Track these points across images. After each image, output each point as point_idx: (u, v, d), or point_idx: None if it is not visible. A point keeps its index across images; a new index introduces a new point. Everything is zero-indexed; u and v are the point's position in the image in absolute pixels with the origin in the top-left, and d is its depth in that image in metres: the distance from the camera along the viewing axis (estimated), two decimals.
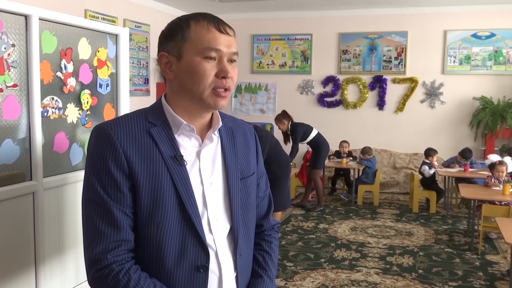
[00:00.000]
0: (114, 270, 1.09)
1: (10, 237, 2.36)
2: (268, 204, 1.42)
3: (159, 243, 1.13)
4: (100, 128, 1.14)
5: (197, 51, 1.14)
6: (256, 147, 1.37)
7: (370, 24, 7.57)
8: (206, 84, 1.14)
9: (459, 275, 4.07)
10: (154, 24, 6.87)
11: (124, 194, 1.11)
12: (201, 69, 1.13)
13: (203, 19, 1.16)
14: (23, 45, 2.39)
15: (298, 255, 4.53)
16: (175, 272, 1.14)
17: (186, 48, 1.15)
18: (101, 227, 1.10)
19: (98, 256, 1.09)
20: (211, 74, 1.14)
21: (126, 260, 1.12)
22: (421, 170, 6.29)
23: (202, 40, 1.14)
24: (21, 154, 2.42)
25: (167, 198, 1.13)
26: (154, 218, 1.13)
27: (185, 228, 1.15)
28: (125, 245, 1.12)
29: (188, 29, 1.15)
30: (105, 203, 1.10)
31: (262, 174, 1.40)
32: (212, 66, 1.14)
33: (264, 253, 1.37)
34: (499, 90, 7.11)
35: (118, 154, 1.11)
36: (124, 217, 1.11)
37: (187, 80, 1.15)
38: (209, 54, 1.13)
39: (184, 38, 1.15)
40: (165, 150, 1.15)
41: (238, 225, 1.24)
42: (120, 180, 1.11)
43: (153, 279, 1.13)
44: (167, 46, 1.18)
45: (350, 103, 7.78)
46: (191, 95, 1.16)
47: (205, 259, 1.17)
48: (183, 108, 1.19)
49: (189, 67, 1.14)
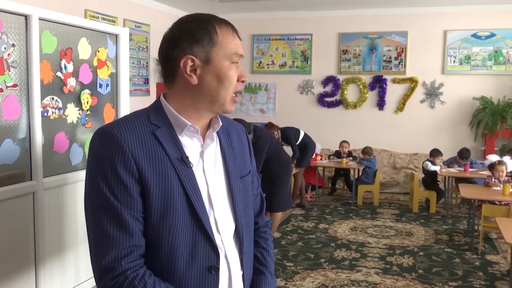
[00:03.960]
0: (129, 277, 1.07)
1: (10, 237, 2.36)
2: (261, 201, 1.44)
3: (170, 246, 1.12)
4: (106, 131, 1.11)
5: (227, 56, 1.15)
6: (249, 146, 1.39)
7: (370, 24, 7.57)
8: (231, 89, 1.17)
9: (459, 275, 4.07)
10: (154, 24, 6.87)
11: (135, 199, 1.09)
12: (231, 74, 1.16)
13: (223, 24, 1.17)
14: (23, 45, 2.39)
15: (298, 255, 4.53)
16: (186, 275, 1.14)
17: (215, 52, 1.15)
18: (112, 233, 1.07)
19: (112, 264, 1.06)
20: (235, 78, 1.17)
21: (140, 266, 1.10)
22: (423, 166, 6.30)
23: (230, 45, 1.16)
24: (21, 154, 2.42)
25: (177, 201, 1.12)
26: (166, 222, 1.11)
27: (196, 230, 1.14)
28: (137, 251, 1.10)
29: (215, 33, 1.15)
30: (115, 209, 1.07)
31: (255, 172, 1.42)
32: (236, 71, 1.17)
33: (263, 250, 1.39)
34: (499, 90, 7.11)
35: (127, 157, 1.08)
36: (135, 222, 1.09)
37: (214, 84, 1.15)
38: (235, 59, 1.17)
39: (213, 43, 1.14)
40: (172, 152, 1.14)
41: (242, 224, 1.25)
42: (130, 185, 1.08)
43: (166, 283, 1.12)
44: (192, 50, 1.14)
45: (350, 103, 7.78)
46: (215, 99, 1.17)
47: (215, 259, 1.17)
48: (191, 110, 1.18)
49: (218, 71, 1.15)
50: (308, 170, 6.84)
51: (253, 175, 1.39)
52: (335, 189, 7.38)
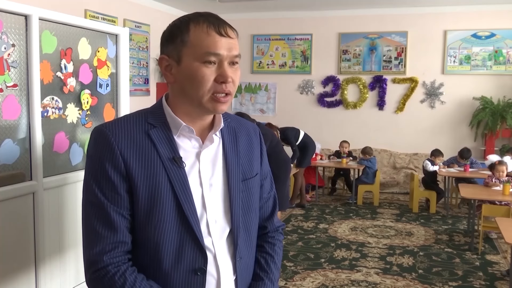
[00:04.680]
0: (110, 271, 1.09)
1: (10, 237, 2.36)
2: (272, 206, 1.40)
3: (156, 245, 1.13)
4: (99, 130, 1.14)
5: (196, 56, 1.11)
6: (261, 147, 1.35)
7: (370, 24, 7.57)
8: (205, 90, 1.11)
9: (459, 275, 4.07)
10: (154, 24, 6.87)
11: (121, 196, 1.11)
12: (200, 75, 1.11)
13: (203, 22, 1.12)
14: (23, 45, 2.39)
15: (298, 255, 4.53)
16: (172, 275, 1.14)
17: (185, 52, 1.12)
18: (99, 228, 1.11)
19: (95, 257, 1.10)
20: (210, 79, 1.11)
21: (123, 262, 1.12)
22: (423, 165, 6.30)
23: (201, 44, 1.10)
24: (21, 154, 2.42)
25: (165, 200, 1.12)
26: (152, 220, 1.12)
27: (183, 231, 1.14)
28: (121, 247, 1.12)
29: (187, 32, 1.12)
30: (102, 205, 1.11)
31: (267, 175, 1.38)
32: (211, 71, 1.11)
33: (267, 256, 1.34)
34: (499, 90, 7.11)
35: (115, 156, 1.11)
36: (121, 219, 1.11)
37: (186, 84, 1.13)
38: (208, 59, 1.10)
39: (184, 42, 1.12)
40: (164, 151, 1.14)
41: (238, 228, 1.22)
42: (117, 182, 1.11)
43: (150, 281, 1.13)
44: (167, 49, 1.15)
45: (350, 103, 7.78)
46: (190, 99, 1.15)
47: (202, 262, 1.16)
48: (183, 110, 1.18)
49: (188, 72, 1.12)
50: (308, 170, 6.84)
51: (263, 178, 1.35)
52: (335, 189, 7.38)
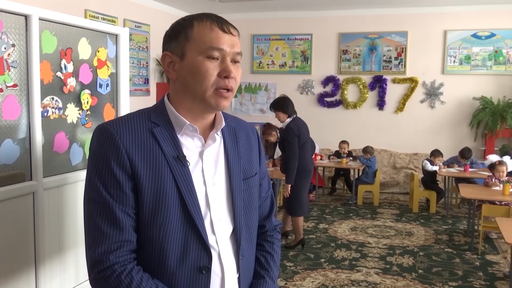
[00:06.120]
0: (116, 271, 1.08)
1: (10, 237, 2.36)
2: (270, 205, 1.41)
3: (161, 243, 1.13)
4: (103, 128, 1.14)
5: (200, 50, 1.12)
6: (259, 147, 1.37)
7: (370, 24, 7.57)
8: (208, 84, 1.13)
9: (459, 275, 4.07)
10: (154, 24, 6.87)
11: (127, 194, 1.11)
12: (204, 69, 1.12)
13: (207, 19, 1.15)
14: (23, 45, 2.39)
15: (298, 255, 4.53)
16: (177, 273, 1.14)
17: (189, 47, 1.13)
18: (103, 227, 1.09)
19: (100, 257, 1.09)
20: (214, 73, 1.13)
21: (129, 261, 1.11)
22: (422, 165, 6.31)
23: (205, 39, 1.12)
24: (21, 154, 2.42)
25: (170, 199, 1.12)
26: (157, 219, 1.12)
27: (188, 229, 1.14)
28: (127, 246, 1.11)
29: (191, 28, 1.14)
30: (107, 203, 1.10)
31: (265, 174, 1.39)
32: (214, 66, 1.13)
33: (267, 254, 1.36)
34: (499, 90, 7.11)
35: (121, 154, 1.10)
36: (126, 218, 1.11)
37: (189, 79, 1.14)
38: (212, 53, 1.12)
39: (187, 38, 1.14)
40: (168, 150, 1.14)
41: (241, 226, 1.24)
42: (123, 180, 1.10)
43: (155, 280, 1.13)
44: (170, 46, 1.17)
45: (350, 103, 7.78)
46: (193, 95, 1.15)
47: (207, 260, 1.16)
48: (186, 108, 1.18)
49: (191, 66, 1.13)
50: None
51: (262, 177, 1.37)
52: (335, 189, 7.38)
